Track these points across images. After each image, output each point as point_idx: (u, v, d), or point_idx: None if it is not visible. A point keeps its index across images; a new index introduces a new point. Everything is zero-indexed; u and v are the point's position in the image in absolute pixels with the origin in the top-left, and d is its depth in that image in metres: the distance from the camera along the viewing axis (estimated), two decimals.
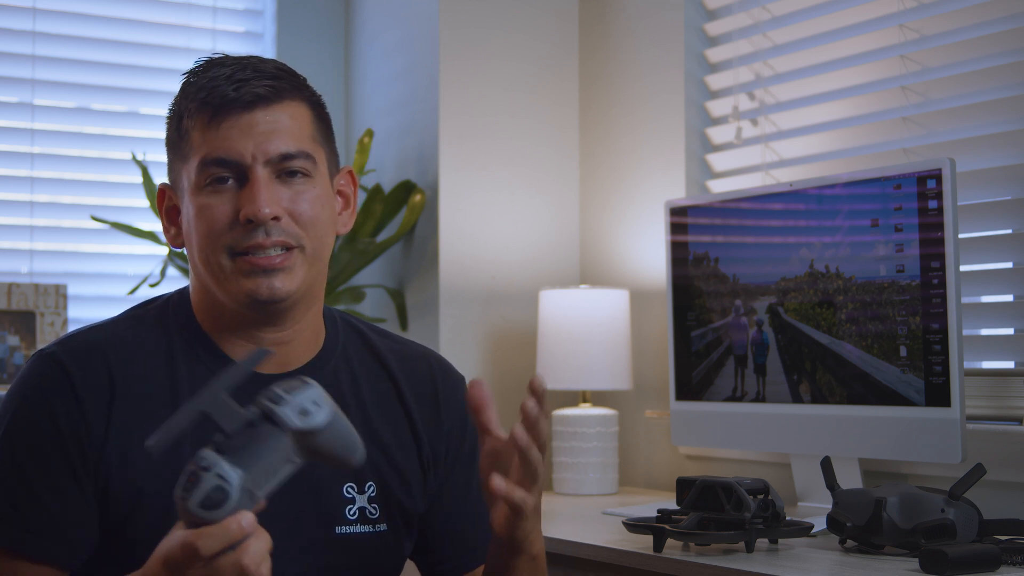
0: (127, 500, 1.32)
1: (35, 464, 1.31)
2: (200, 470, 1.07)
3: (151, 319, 1.42)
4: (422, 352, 1.57)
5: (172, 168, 1.43)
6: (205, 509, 1.06)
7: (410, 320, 3.10)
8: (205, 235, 1.36)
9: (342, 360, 1.49)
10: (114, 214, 3.13)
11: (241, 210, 1.34)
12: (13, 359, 2.90)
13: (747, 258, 2.32)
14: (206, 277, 1.39)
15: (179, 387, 1.37)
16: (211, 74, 1.38)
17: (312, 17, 3.45)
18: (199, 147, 1.36)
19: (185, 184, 1.39)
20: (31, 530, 1.29)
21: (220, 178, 1.36)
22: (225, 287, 1.37)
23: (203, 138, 1.36)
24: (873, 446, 2.09)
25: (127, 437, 1.33)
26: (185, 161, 1.39)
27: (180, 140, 1.40)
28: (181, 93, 1.41)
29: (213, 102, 1.35)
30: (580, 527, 2.25)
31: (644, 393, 2.91)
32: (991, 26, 2.28)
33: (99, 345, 1.37)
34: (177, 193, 1.43)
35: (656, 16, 2.95)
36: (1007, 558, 1.72)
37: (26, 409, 1.33)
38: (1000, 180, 2.23)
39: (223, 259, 1.36)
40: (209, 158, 1.35)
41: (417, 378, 1.53)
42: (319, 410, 1.11)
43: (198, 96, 1.37)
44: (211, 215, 1.36)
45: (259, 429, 1.10)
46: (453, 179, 3.02)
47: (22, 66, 3.13)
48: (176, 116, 1.41)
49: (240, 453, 1.08)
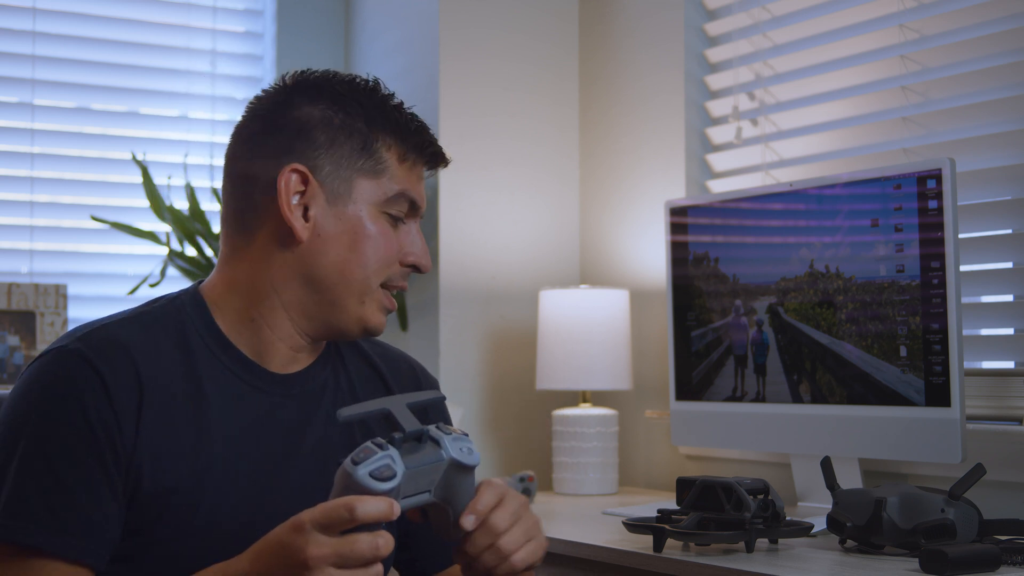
0: (157, 500, 1.32)
1: (67, 461, 1.28)
2: (376, 447, 1.17)
3: (162, 319, 1.40)
4: (401, 355, 1.62)
5: (338, 166, 1.41)
6: (373, 479, 1.15)
7: (410, 320, 3.10)
8: (378, 259, 1.42)
9: (338, 361, 1.51)
10: (114, 214, 3.13)
11: (409, 254, 1.44)
12: (13, 359, 2.90)
13: (747, 258, 2.32)
14: (323, 289, 1.40)
15: (201, 387, 1.37)
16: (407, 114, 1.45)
17: (312, 17, 3.45)
18: (401, 179, 1.43)
19: (358, 195, 1.41)
20: (66, 530, 1.27)
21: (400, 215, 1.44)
22: (359, 309, 1.42)
23: (404, 175, 1.43)
24: (873, 446, 2.09)
25: (157, 437, 1.32)
26: (372, 177, 1.41)
27: (369, 154, 1.41)
28: (382, 111, 1.43)
29: (424, 155, 1.45)
30: (580, 527, 2.25)
31: (644, 393, 2.91)
32: (991, 26, 2.28)
33: (122, 343, 1.34)
34: (325, 190, 1.40)
35: (656, 16, 2.95)
36: (1007, 558, 1.72)
37: (55, 404, 1.30)
38: (1000, 180, 2.23)
39: (375, 285, 1.42)
40: (409, 195, 1.43)
41: (402, 378, 1.57)
42: (472, 455, 1.25)
43: (411, 136, 1.44)
44: (390, 245, 1.43)
45: (425, 446, 1.23)
46: (453, 179, 3.02)
47: (22, 66, 3.13)
48: (358, 123, 1.41)
49: (407, 455, 1.20)
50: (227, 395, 1.38)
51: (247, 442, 1.38)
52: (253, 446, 1.38)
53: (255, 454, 1.38)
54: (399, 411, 1.24)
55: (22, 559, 1.27)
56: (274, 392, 1.42)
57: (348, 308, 1.42)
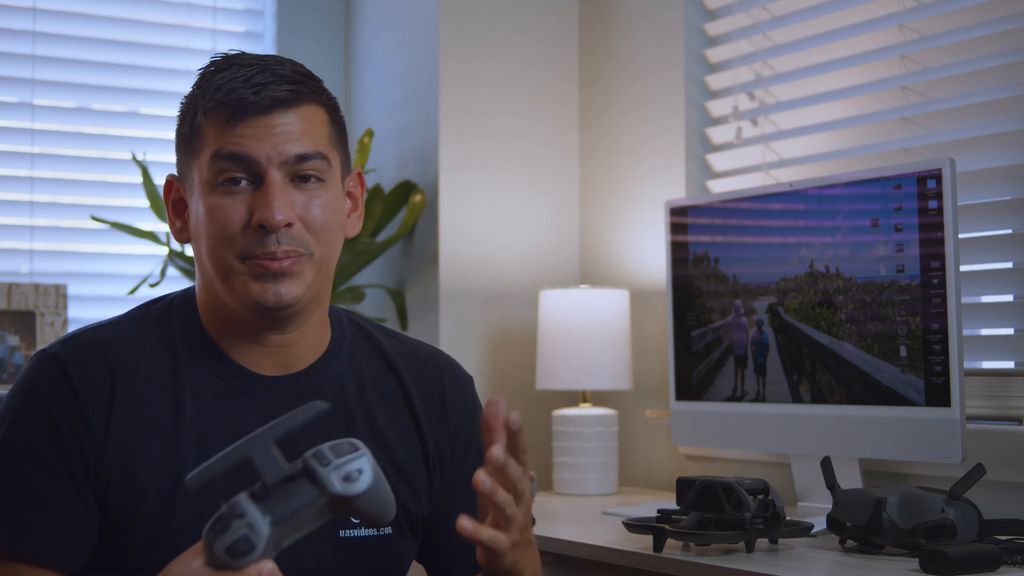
0: (128, 503, 1.32)
1: (34, 466, 1.30)
2: (233, 516, 1.07)
3: (154, 320, 1.42)
4: (429, 352, 1.56)
5: (181, 162, 1.42)
6: (230, 556, 1.07)
7: (410, 320, 3.10)
8: (216, 236, 1.35)
9: (348, 361, 1.48)
10: (114, 214, 3.13)
11: (254, 214, 1.33)
12: (13, 359, 2.90)
13: (747, 258, 2.32)
14: (213, 277, 1.38)
15: (181, 390, 1.37)
16: (229, 74, 1.36)
17: (312, 17, 3.45)
18: (212, 142, 1.35)
19: (196, 179, 1.38)
20: (31, 533, 1.29)
21: (234, 179, 1.34)
22: (233, 289, 1.36)
23: (217, 135, 1.34)
24: (873, 446, 2.09)
25: (128, 439, 1.32)
26: (196, 156, 1.37)
27: (192, 135, 1.38)
28: (197, 88, 1.39)
29: (231, 104, 1.34)
30: (580, 527, 2.25)
31: (644, 393, 2.91)
32: (991, 26, 2.28)
33: (101, 345, 1.36)
34: (186, 187, 1.41)
35: (656, 16, 2.95)
36: (1007, 558, 1.72)
37: (25, 410, 1.32)
38: (1000, 180, 2.23)
39: (233, 262, 1.35)
40: (223, 152, 1.33)
41: (424, 378, 1.52)
42: (362, 477, 1.10)
43: (215, 96, 1.35)
44: (223, 216, 1.34)
45: (298, 484, 1.10)
46: (453, 179, 3.02)
47: (22, 66, 3.13)
48: (189, 111, 1.39)
49: (274, 504, 1.08)
50: (209, 398, 1.38)
51: (224, 445, 1.36)
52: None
53: None
54: (261, 455, 1.09)
55: None
56: (262, 394, 1.40)
57: (227, 291, 1.36)
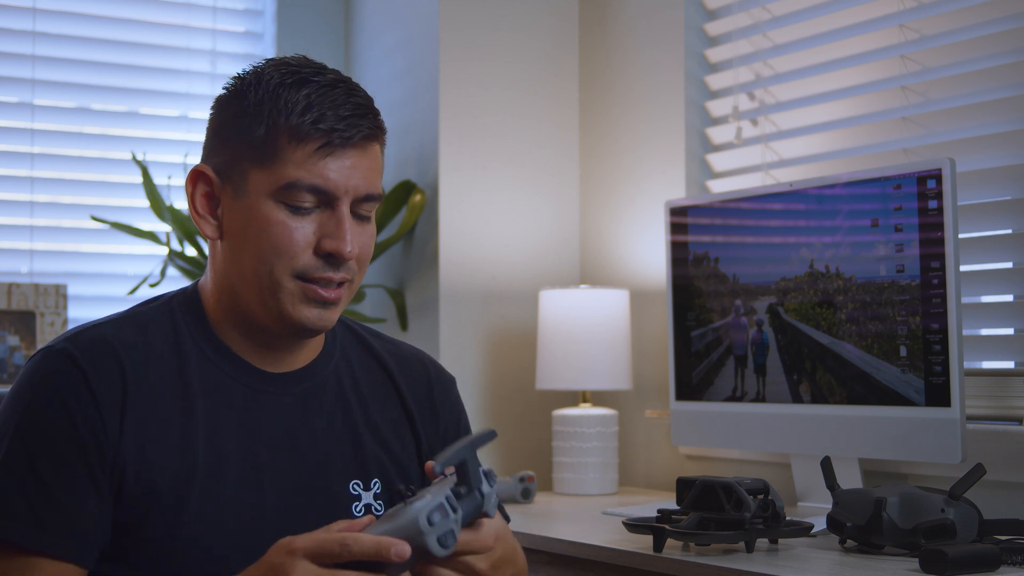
0: (142, 498, 1.32)
1: (51, 461, 1.30)
2: (451, 509, 1.15)
3: (156, 318, 1.42)
4: (415, 353, 1.59)
5: (230, 161, 1.38)
6: (440, 545, 1.14)
7: (410, 320, 3.10)
8: (273, 250, 1.34)
9: (342, 360, 1.50)
10: (114, 214, 3.13)
11: (324, 240, 1.34)
12: (13, 359, 2.90)
13: (747, 258, 2.32)
14: (249, 286, 1.37)
15: (190, 386, 1.37)
16: (315, 94, 1.34)
17: (312, 17, 3.45)
18: (294, 167, 1.33)
19: (253, 187, 1.35)
20: (48, 528, 1.29)
21: (303, 204, 1.35)
22: (276, 304, 1.36)
23: (301, 159, 1.33)
24: (873, 446, 2.09)
25: (140, 434, 1.33)
26: (262, 166, 1.35)
27: (263, 145, 1.34)
28: (270, 97, 1.35)
29: (322, 135, 1.33)
30: (580, 527, 2.25)
31: (644, 393, 2.91)
32: (991, 26, 2.28)
33: (108, 342, 1.36)
34: (228, 187, 1.38)
35: (656, 16, 2.95)
36: (1007, 558, 1.72)
37: (39, 405, 1.32)
38: (1000, 180, 2.23)
39: (286, 279, 1.35)
40: (304, 182, 1.33)
41: (413, 378, 1.55)
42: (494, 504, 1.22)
43: (303, 117, 1.33)
44: (288, 235, 1.34)
45: (473, 496, 1.18)
46: (453, 179, 3.02)
47: (22, 66, 3.13)
48: (259, 118, 1.35)
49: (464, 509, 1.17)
50: (217, 394, 1.39)
51: (235, 441, 1.38)
52: (241, 444, 1.38)
53: (243, 452, 1.37)
54: (472, 462, 1.18)
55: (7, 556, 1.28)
56: (268, 391, 1.42)
57: (264, 302, 1.37)
